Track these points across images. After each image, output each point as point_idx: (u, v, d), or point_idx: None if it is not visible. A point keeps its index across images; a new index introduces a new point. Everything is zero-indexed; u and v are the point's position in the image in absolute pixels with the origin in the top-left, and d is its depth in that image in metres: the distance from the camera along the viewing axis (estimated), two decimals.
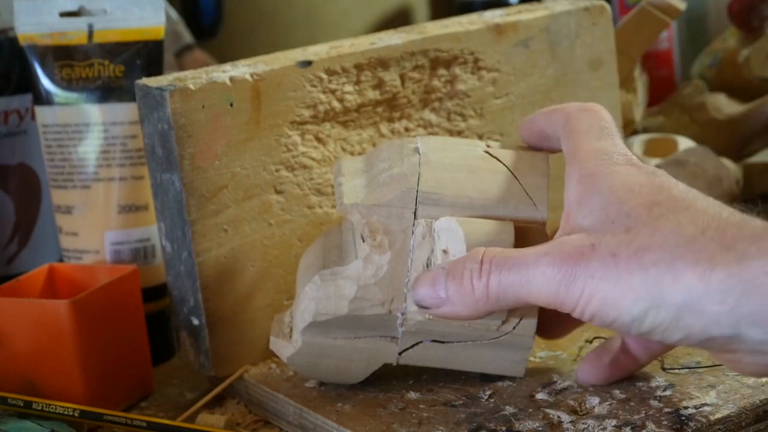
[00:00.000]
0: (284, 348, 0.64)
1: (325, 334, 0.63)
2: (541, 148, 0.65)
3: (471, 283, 0.58)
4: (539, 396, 0.63)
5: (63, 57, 0.76)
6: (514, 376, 0.65)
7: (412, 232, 0.61)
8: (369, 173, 0.64)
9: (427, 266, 0.61)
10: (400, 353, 0.64)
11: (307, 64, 0.69)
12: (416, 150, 0.63)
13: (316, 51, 0.71)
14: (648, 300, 0.53)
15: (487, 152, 0.64)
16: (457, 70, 0.75)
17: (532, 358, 0.67)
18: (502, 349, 0.63)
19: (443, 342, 0.63)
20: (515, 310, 0.62)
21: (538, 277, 0.56)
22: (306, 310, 0.62)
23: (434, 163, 0.62)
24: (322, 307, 0.62)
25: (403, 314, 0.62)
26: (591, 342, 0.68)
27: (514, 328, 0.62)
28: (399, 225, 0.61)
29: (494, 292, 0.57)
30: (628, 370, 0.63)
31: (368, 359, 0.64)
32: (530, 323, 0.62)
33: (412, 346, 0.63)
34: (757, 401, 0.60)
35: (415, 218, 0.61)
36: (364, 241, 0.61)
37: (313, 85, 0.70)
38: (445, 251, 0.60)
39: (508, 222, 0.61)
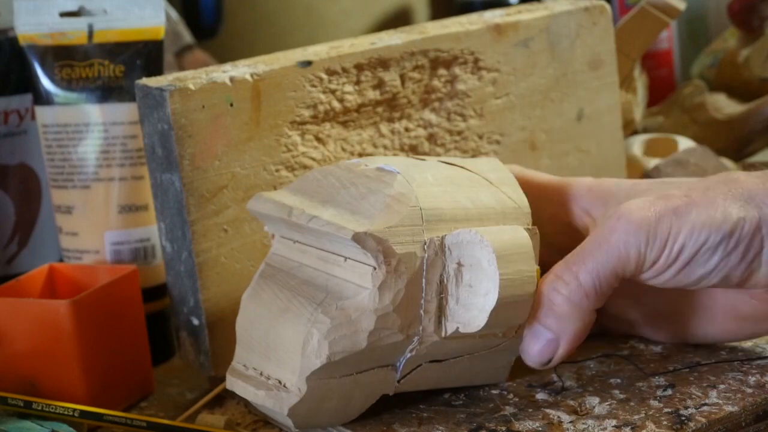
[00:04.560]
0: (279, 400, 0.60)
1: (330, 376, 0.59)
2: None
3: (567, 298, 0.59)
4: (539, 396, 0.63)
5: (63, 57, 0.76)
6: (497, 383, 0.64)
7: (425, 252, 0.59)
8: (333, 202, 0.61)
9: (440, 282, 0.60)
10: (399, 380, 0.61)
11: (307, 64, 0.69)
12: (389, 170, 0.61)
13: (316, 51, 0.71)
14: (737, 210, 0.59)
15: (445, 162, 0.63)
16: (457, 70, 0.75)
17: None
18: (495, 357, 0.63)
19: (441, 362, 0.62)
20: None
21: (621, 243, 0.59)
22: (313, 351, 0.58)
23: (420, 180, 0.61)
24: (336, 345, 0.58)
25: (418, 337, 0.60)
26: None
27: (515, 332, 0.61)
28: (411, 246, 0.59)
29: (590, 286, 0.59)
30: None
31: (368, 394, 0.61)
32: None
33: (411, 371, 0.62)
34: (757, 401, 0.60)
35: (425, 236, 0.59)
36: (376, 269, 0.58)
37: (313, 85, 0.70)
38: (459, 264, 0.59)
39: (516, 226, 0.61)
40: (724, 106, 1.03)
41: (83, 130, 0.75)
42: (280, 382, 0.60)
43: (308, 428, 0.62)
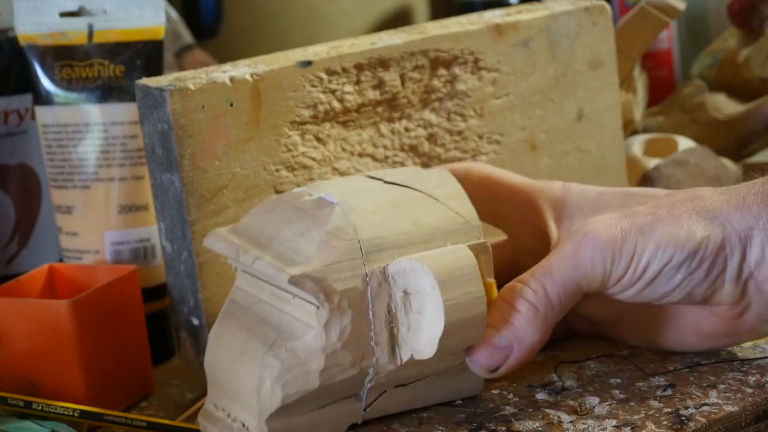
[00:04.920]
0: None
1: (291, 414, 0.59)
2: None
3: (533, 306, 0.60)
4: (539, 396, 0.63)
5: (63, 57, 0.76)
6: (473, 395, 0.64)
7: (367, 284, 0.59)
8: (277, 240, 0.60)
9: (388, 313, 0.59)
10: (365, 409, 0.61)
11: (307, 64, 0.69)
12: (329, 201, 0.60)
13: (316, 51, 0.71)
14: (701, 229, 0.59)
15: (387, 182, 0.63)
16: (457, 70, 0.75)
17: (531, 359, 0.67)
18: (461, 373, 0.62)
19: (406, 385, 0.61)
20: None
21: (588, 259, 0.60)
22: (267, 395, 0.58)
23: (359, 210, 0.60)
24: (289, 388, 0.58)
25: (373, 369, 0.59)
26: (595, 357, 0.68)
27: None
28: (352, 281, 0.58)
29: (555, 297, 0.60)
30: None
31: (335, 426, 0.61)
32: None
33: (377, 398, 0.61)
34: (757, 401, 0.60)
35: (365, 269, 0.59)
36: (319, 308, 0.58)
37: (313, 85, 0.70)
38: (406, 292, 0.58)
39: (459, 246, 0.59)
40: (724, 106, 1.03)
41: (83, 130, 0.75)
42: (243, 425, 0.60)
43: None
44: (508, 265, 0.68)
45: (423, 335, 0.58)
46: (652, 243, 0.59)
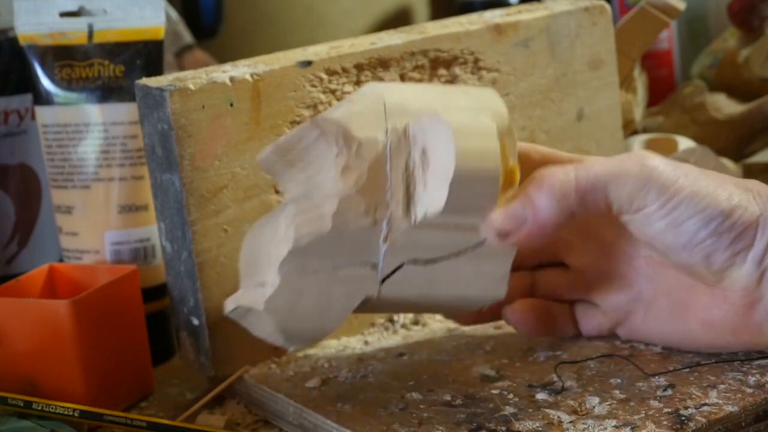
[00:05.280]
0: (257, 297, 0.61)
1: (304, 267, 0.60)
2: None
3: (562, 182, 0.60)
4: (539, 396, 0.63)
5: (63, 57, 0.76)
6: (496, 299, 0.64)
7: (387, 138, 0.60)
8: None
9: (406, 170, 0.60)
10: (381, 281, 0.61)
11: (307, 64, 0.69)
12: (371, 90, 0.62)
13: (316, 51, 0.71)
14: (742, 198, 0.60)
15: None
16: (457, 70, 0.75)
17: (531, 359, 0.67)
18: (484, 261, 0.62)
19: (425, 264, 0.61)
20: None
21: (627, 171, 0.60)
22: (281, 240, 0.60)
23: (394, 88, 0.63)
24: (302, 228, 0.59)
25: (387, 223, 0.60)
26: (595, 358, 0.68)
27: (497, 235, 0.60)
28: (372, 132, 0.60)
29: (583, 185, 0.60)
30: (556, 332, 0.68)
31: (348, 293, 0.61)
32: None
33: (393, 271, 0.61)
34: (757, 401, 0.60)
35: (387, 124, 0.60)
36: (338, 156, 0.60)
37: (313, 85, 0.70)
38: (424, 152, 0.59)
39: (482, 117, 0.60)
40: (724, 106, 1.03)
41: (83, 130, 0.75)
42: (262, 283, 0.61)
43: (292, 335, 0.62)
44: None
45: (435, 184, 0.59)
46: (692, 187, 0.60)
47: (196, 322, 0.69)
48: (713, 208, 0.60)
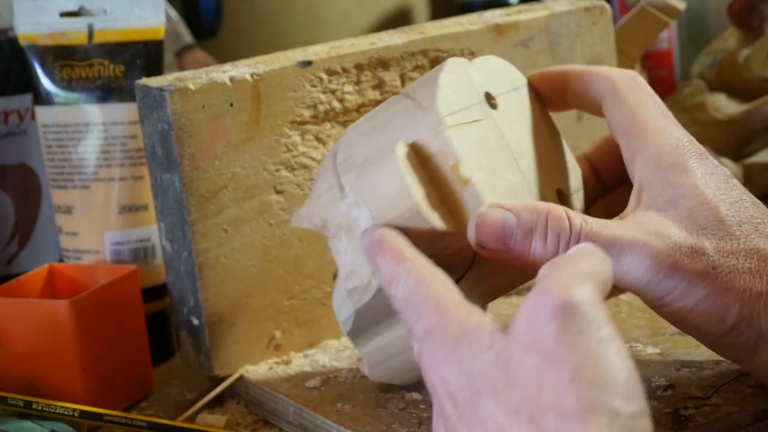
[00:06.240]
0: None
1: (369, 335, 0.61)
2: (565, 105, 0.65)
3: (556, 248, 0.55)
4: None
5: (63, 57, 0.76)
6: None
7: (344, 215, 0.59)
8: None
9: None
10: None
11: (307, 64, 0.69)
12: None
13: (316, 51, 0.71)
14: (745, 312, 0.56)
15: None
16: None
17: None
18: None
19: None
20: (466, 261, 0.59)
21: (632, 263, 0.56)
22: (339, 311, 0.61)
23: (343, 139, 0.61)
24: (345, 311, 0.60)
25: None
26: None
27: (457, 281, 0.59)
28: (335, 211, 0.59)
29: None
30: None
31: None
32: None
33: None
34: (757, 401, 0.60)
35: (342, 202, 0.59)
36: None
37: (313, 85, 0.70)
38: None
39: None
40: (724, 106, 1.03)
41: (83, 130, 0.75)
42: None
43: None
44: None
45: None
46: (691, 300, 0.56)
47: (196, 322, 0.69)
48: (713, 326, 0.57)
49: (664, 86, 1.13)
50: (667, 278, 0.56)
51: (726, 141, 1.00)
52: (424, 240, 0.56)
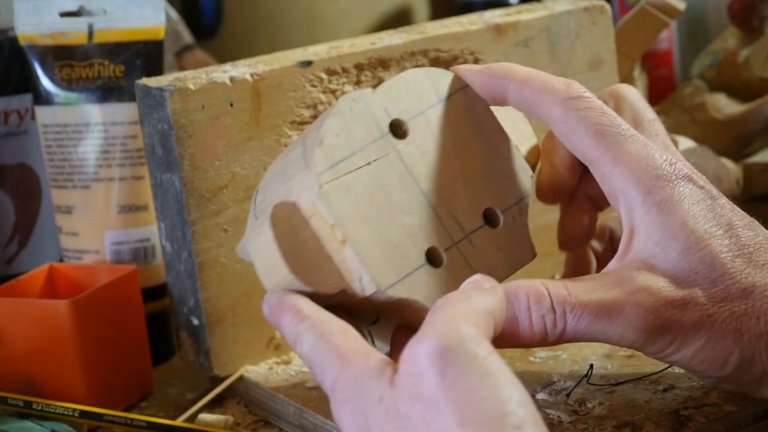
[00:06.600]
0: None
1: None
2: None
3: (544, 329, 0.55)
4: (539, 396, 0.63)
5: (63, 57, 0.76)
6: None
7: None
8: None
9: None
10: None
11: (307, 64, 0.69)
12: None
13: (316, 51, 0.71)
14: (746, 354, 0.55)
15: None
16: None
17: (531, 359, 0.67)
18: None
19: None
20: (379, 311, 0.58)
21: (625, 327, 0.55)
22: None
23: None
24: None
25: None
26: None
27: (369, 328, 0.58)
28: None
29: (570, 338, 0.55)
30: None
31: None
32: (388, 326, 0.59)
33: None
34: (757, 401, 0.60)
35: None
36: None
37: (313, 85, 0.70)
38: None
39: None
40: (724, 106, 1.03)
41: (83, 130, 0.75)
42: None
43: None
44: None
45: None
46: (691, 349, 0.55)
47: (196, 322, 0.69)
48: (712, 370, 0.56)
49: (664, 86, 1.13)
50: (663, 335, 0.55)
51: (726, 141, 1.00)
52: (319, 297, 0.55)
